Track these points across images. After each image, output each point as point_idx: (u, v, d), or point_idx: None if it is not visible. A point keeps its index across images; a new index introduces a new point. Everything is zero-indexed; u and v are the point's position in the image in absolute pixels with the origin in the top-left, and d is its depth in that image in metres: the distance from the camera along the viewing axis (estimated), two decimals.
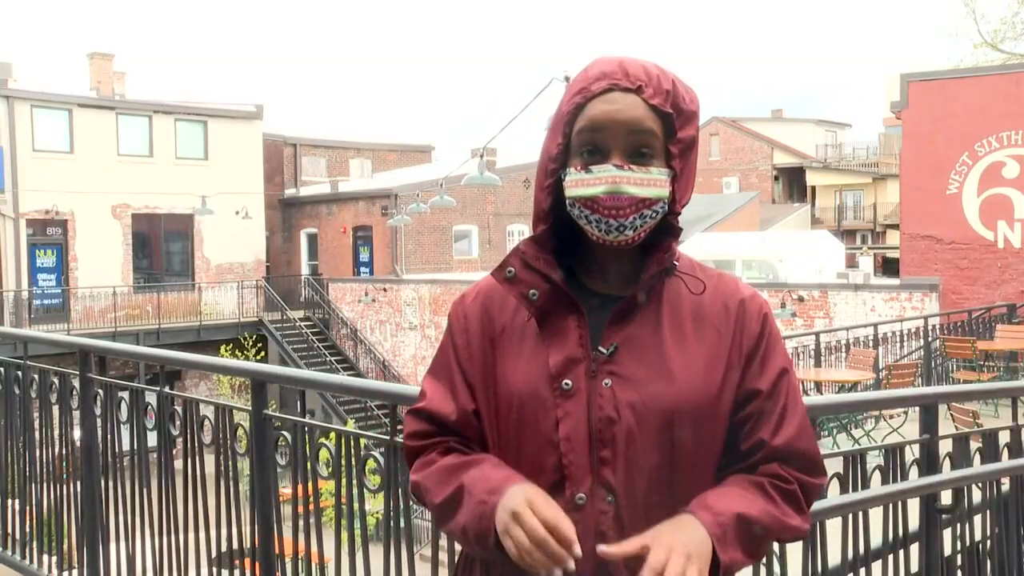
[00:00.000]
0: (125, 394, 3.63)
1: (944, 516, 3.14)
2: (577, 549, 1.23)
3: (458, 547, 1.58)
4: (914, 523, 3.10)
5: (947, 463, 3.27)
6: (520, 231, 31.64)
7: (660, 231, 1.42)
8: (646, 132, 1.36)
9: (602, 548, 1.26)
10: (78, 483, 3.85)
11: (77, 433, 3.81)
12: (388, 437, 2.60)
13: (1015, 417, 3.60)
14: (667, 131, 1.38)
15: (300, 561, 2.99)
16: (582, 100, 1.37)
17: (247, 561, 3.15)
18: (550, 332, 1.41)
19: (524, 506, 1.26)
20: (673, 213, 1.41)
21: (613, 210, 1.35)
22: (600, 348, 1.39)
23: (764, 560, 2.64)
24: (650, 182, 1.36)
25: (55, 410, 4.00)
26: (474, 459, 1.42)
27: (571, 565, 1.23)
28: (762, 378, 1.43)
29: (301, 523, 2.94)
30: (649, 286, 1.42)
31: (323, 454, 2.90)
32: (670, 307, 1.43)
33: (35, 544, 4.19)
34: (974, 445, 3.52)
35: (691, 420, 1.38)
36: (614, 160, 1.35)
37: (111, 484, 3.70)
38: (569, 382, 1.38)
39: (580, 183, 1.37)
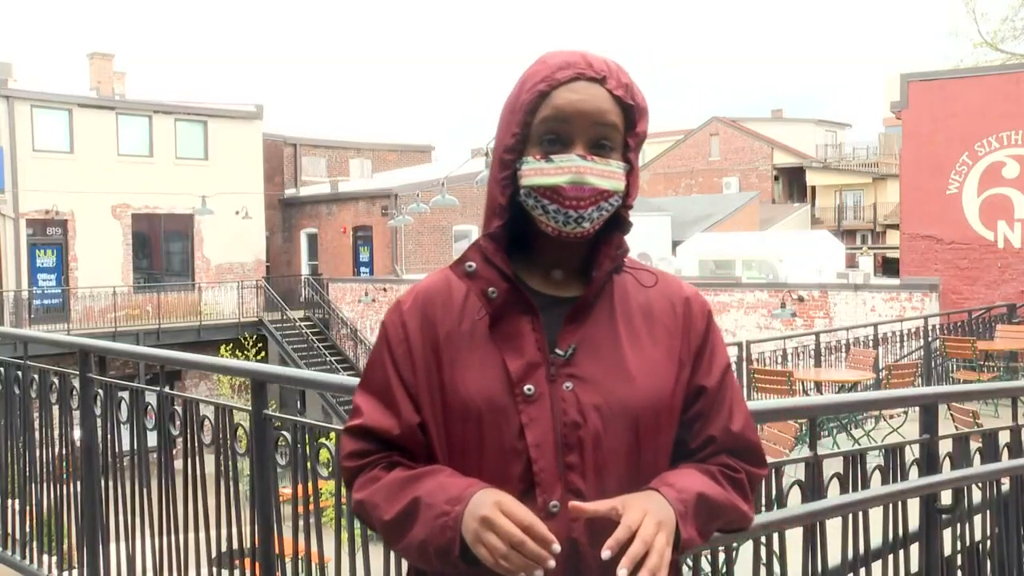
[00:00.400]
0: (125, 394, 3.63)
1: (944, 516, 3.14)
2: (556, 546, 1.21)
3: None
4: (914, 523, 3.09)
5: (947, 463, 3.27)
6: None
7: (608, 226, 1.40)
8: (609, 124, 1.35)
9: (574, 504, 1.25)
10: (78, 483, 3.85)
11: (77, 433, 3.81)
12: None
13: (1015, 417, 3.60)
14: (627, 124, 1.37)
15: (300, 561, 2.99)
16: (546, 88, 1.34)
17: (247, 561, 3.15)
18: (502, 335, 1.36)
19: (495, 510, 1.23)
20: (625, 207, 1.39)
21: (574, 201, 1.32)
22: (558, 350, 1.36)
23: (764, 560, 2.64)
24: (610, 174, 1.35)
25: (55, 410, 4.00)
26: (426, 471, 1.36)
27: (551, 563, 1.21)
28: (710, 376, 1.44)
29: (301, 523, 2.94)
30: (602, 284, 1.40)
31: (323, 454, 2.90)
32: (621, 305, 1.42)
33: (35, 544, 4.19)
34: (974, 445, 3.52)
35: (653, 419, 1.37)
36: (577, 150, 1.33)
37: (111, 484, 3.70)
38: (531, 387, 1.34)
39: (540, 172, 1.34)
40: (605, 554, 1.20)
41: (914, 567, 3.09)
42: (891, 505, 3.00)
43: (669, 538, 1.26)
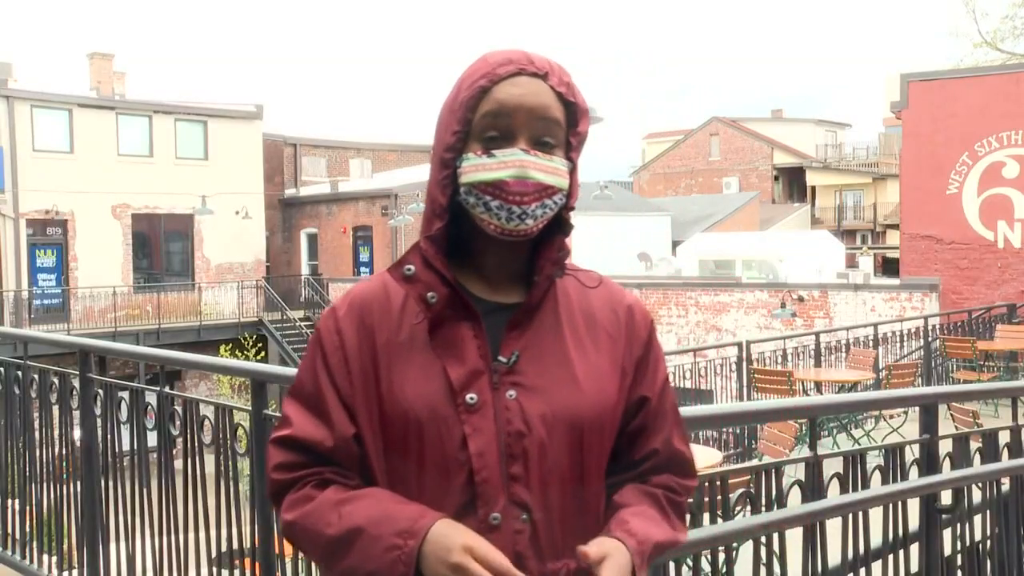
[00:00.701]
0: (125, 394, 3.63)
1: (944, 516, 3.14)
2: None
3: None
4: (914, 523, 3.10)
5: (947, 463, 3.27)
6: None
7: (550, 227, 1.35)
8: (552, 120, 1.32)
9: (581, 549, 1.23)
10: (78, 483, 3.85)
11: (77, 433, 3.81)
12: None
13: (1015, 417, 3.60)
14: (569, 122, 1.35)
15: (300, 561, 2.99)
16: (488, 84, 1.31)
17: (247, 561, 3.15)
18: (443, 343, 1.31)
19: (466, 556, 1.17)
20: (566, 207, 1.36)
21: (518, 196, 1.28)
22: (500, 358, 1.31)
23: (764, 560, 2.64)
24: (554, 170, 1.31)
25: (55, 410, 4.00)
26: (363, 493, 1.29)
27: None
28: (653, 387, 1.42)
29: None
30: (545, 288, 1.36)
31: None
32: (565, 311, 1.38)
33: (35, 544, 4.19)
34: (974, 445, 3.52)
35: (598, 428, 1.34)
36: (520, 145, 1.30)
37: (111, 484, 3.70)
38: (474, 396, 1.29)
39: (482, 168, 1.29)
40: None
41: (914, 567, 3.09)
42: (891, 505, 3.00)
43: None
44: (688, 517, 2.38)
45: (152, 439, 3.46)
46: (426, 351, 1.32)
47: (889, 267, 32.93)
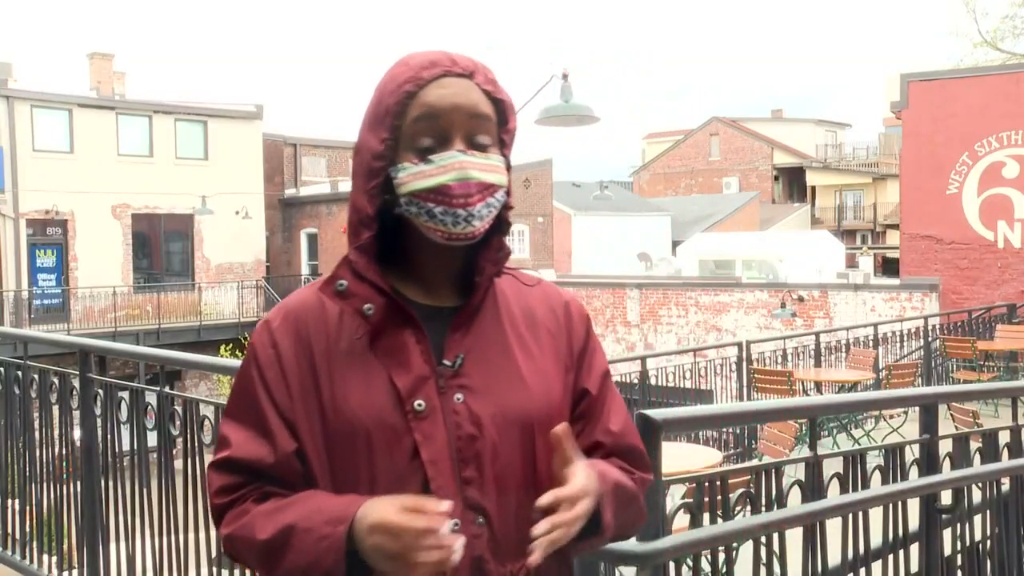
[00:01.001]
0: (125, 394, 3.63)
1: (944, 516, 3.14)
2: (434, 503, 1.14)
3: None
4: (914, 523, 3.10)
5: (947, 463, 3.27)
6: (520, 230, 31.63)
7: (488, 228, 1.33)
8: (484, 117, 1.30)
9: (557, 430, 1.23)
10: (78, 483, 3.85)
11: (77, 433, 3.81)
12: None
13: (1015, 417, 3.60)
14: (499, 119, 1.33)
15: None
16: (413, 88, 1.28)
17: None
18: (385, 351, 1.29)
19: (386, 515, 1.14)
20: (505, 207, 1.34)
21: (462, 199, 1.26)
22: (445, 361, 1.30)
23: (764, 560, 2.64)
24: (493, 168, 1.30)
25: (55, 410, 4.00)
26: (299, 496, 1.26)
27: (445, 526, 1.14)
28: (591, 379, 1.42)
29: None
30: (486, 289, 1.34)
31: None
32: (506, 311, 1.38)
33: (35, 544, 4.19)
34: (974, 445, 3.52)
35: (548, 426, 1.30)
36: (456, 146, 1.27)
37: (111, 484, 3.70)
38: (422, 402, 1.27)
39: (420, 175, 1.27)
40: (547, 498, 1.20)
41: (914, 567, 3.09)
42: (891, 505, 3.00)
43: (588, 512, 1.24)
44: (689, 517, 2.39)
45: (152, 439, 3.46)
46: (368, 360, 1.29)
47: (889, 267, 32.93)
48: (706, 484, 2.41)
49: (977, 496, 3.44)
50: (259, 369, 1.33)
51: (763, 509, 2.59)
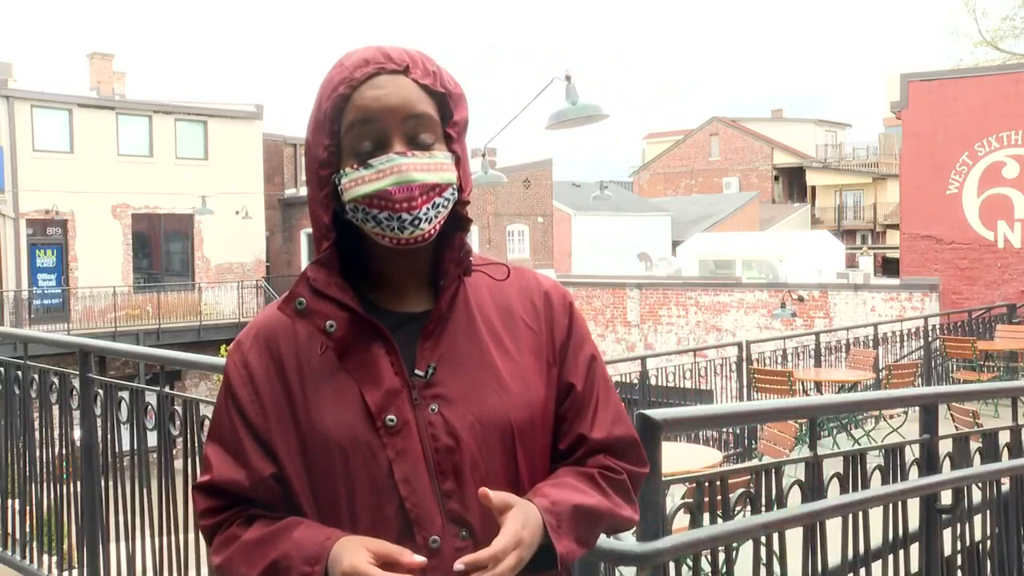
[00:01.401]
0: (125, 394, 3.63)
1: (944, 516, 3.14)
2: (409, 556, 1.15)
3: None
4: (914, 523, 3.10)
5: (947, 463, 3.27)
6: (520, 230, 31.63)
7: (448, 226, 1.29)
8: (422, 115, 1.24)
9: (483, 490, 1.18)
10: (78, 483, 3.85)
11: (77, 433, 3.81)
12: None
13: (1015, 417, 3.60)
14: (443, 113, 1.27)
15: None
16: (347, 91, 1.23)
17: None
18: (355, 365, 1.25)
19: (358, 563, 1.14)
20: (461, 203, 1.29)
21: (405, 203, 1.21)
22: (417, 372, 1.25)
23: (764, 560, 2.64)
24: (437, 167, 1.24)
25: (55, 410, 4.00)
26: (283, 526, 1.25)
27: (417, 559, 1.15)
28: (576, 371, 1.36)
29: None
30: (453, 291, 1.29)
31: None
32: (478, 309, 1.32)
33: (35, 544, 4.19)
34: (974, 445, 3.52)
35: (529, 429, 1.29)
36: (395, 148, 1.22)
37: (111, 484, 3.70)
38: (393, 417, 1.23)
39: (360, 181, 1.22)
40: (458, 566, 1.15)
41: (914, 567, 3.09)
42: (891, 505, 3.00)
43: (525, 557, 1.19)
44: (689, 517, 2.39)
45: (152, 439, 3.46)
46: (340, 376, 1.25)
47: (889, 267, 32.93)
48: (706, 484, 2.41)
49: (977, 496, 3.44)
50: (232, 391, 1.31)
51: (763, 509, 2.59)
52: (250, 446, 1.28)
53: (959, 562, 3.40)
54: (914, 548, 3.10)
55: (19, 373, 4.17)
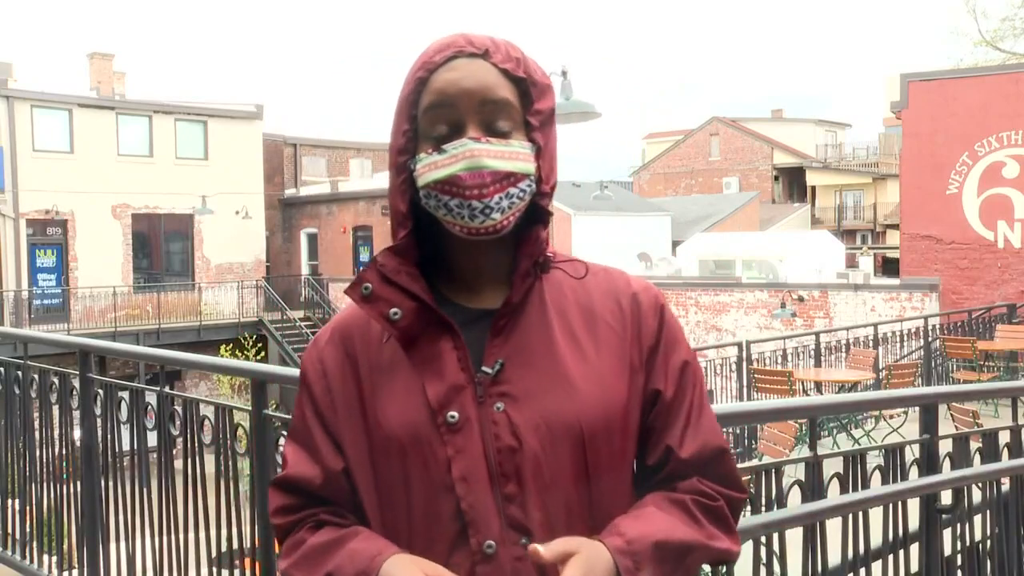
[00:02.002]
0: (125, 394, 3.63)
1: (944, 516, 3.14)
2: None
3: None
4: (914, 523, 3.09)
5: (947, 463, 3.27)
6: None
7: (527, 220, 1.23)
8: (500, 101, 1.19)
9: (532, 548, 1.10)
10: (78, 483, 3.85)
11: (77, 433, 3.80)
12: None
13: (1015, 417, 3.60)
14: (524, 101, 1.22)
15: None
16: (425, 75, 1.20)
17: (247, 561, 3.15)
18: (421, 359, 1.21)
19: None
20: (541, 195, 1.23)
21: (476, 189, 1.16)
22: (484, 368, 1.20)
23: (764, 560, 2.64)
24: (512, 155, 1.18)
25: (55, 410, 4.00)
26: (342, 536, 1.22)
27: None
28: (665, 377, 1.27)
29: None
30: (527, 286, 1.23)
31: None
32: (555, 308, 1.25)
33: (35, 544, 4.19)
34: (974, 445, 3.52)
35: (604, 435, 1.21)
36: (469, 134, 1.18)
37: (111, 484, 3.70)
38: (455, 414, 1.18)
39: (433, 166, 1.18)
40: None
41: (914, 567, 3.09)
42: (891, 505, 3.00)
43: None
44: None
45: (152, 439, 3.46)
46: (406, 370, 1.21)
47: (889, 267, 32.91)
48: None
49: (977, 496, 3.44)
50: (308, 387, 1.30)
51: (763, 509, 2.59)
52: (322, 441, 1.26)
53: (959, 562, 3.40)
54: (914, 548, 3.10)
55: (19, 373, 4.16)
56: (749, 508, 2.58)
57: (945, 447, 3.25)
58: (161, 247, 27.53)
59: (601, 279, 1.30)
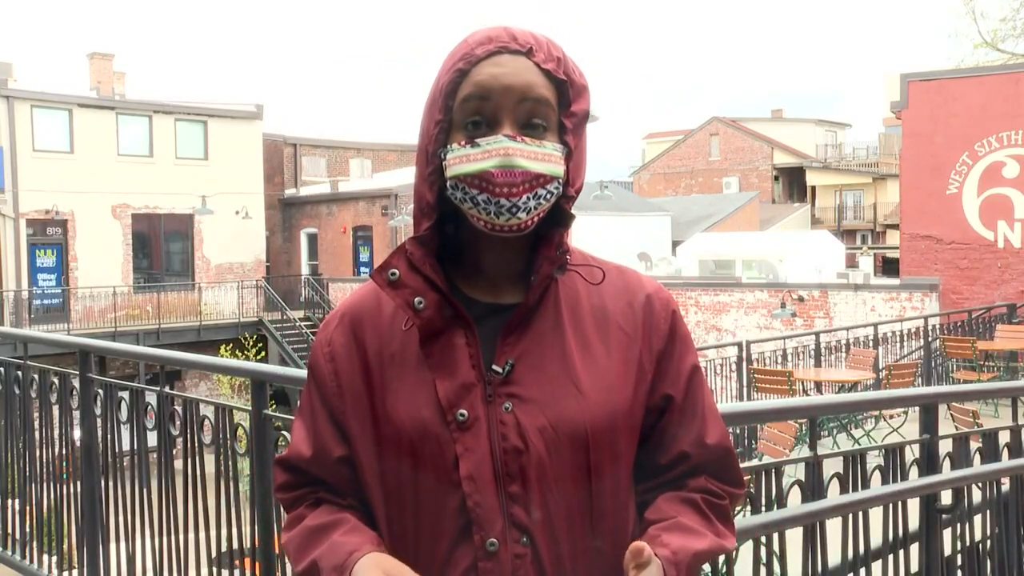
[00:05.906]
0: (125, 394, 3.63)
1: (944, 516, 3.14)
2: None
3: None
4: (914, 523, 3.10)
5: (947, 463, 3.27)
6: None
7: (548, 221, 1.23)
8: (539, 100, 1.19)
9: (637, 545, 1.13)
10: (78, 483, 3.85)
11: (77, 433, 3.81)
12: None
13: (1015, 417, 3.60)
14: (561, 101, 1.22)
15: None
16: (465, 66, 1.19)
17: (247, 561, 3.15)
18: (435, 353, 1.21)
19: None
20: (566, 197, 1.23)
21: (506, 188, 1.16)
22: (495, 367, 1.20)
23: (764, 560, 2.64)
24: (545, 157, 1.19)
25: (55, 410, 4.00)
26: (333, 522, 1.24)
27: None
28: (674, 381, 1.29)
29: None
30: (543, 288, 1.23)
31: None
32: (569, 310, 1.25)
33: (35, 544, 4.19)
34: (974, 445, 3.52)
35: (608, 439, 1.22)
36: (505, 130, 1.17)
37: (111, 484, 3.70)
38: (464, 412, 1.19)
39: (465, 159, 1.18)
40: None
41: (914, 567, 3.09)
42: (891, 505, 3.00)
43: None
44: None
45: (152, 439, 3.46)
46: (420, 364, 1.22)
47: (889, 267, 32.91)
48: None
49: (977, 496, 3.44)
50: (316, 369, 1.31)
51: (763, 509, 2.59)
52: (323, 425, 1.28)
53: (959, 562, 3.40)
54: (914, 548, 3.10)
55: (19, 373, 4.17)
56: (749, 508, 2.59)
57: (945, 447, 3.26)
58: (161, 247, 27.54)
59: (616, 280, 1.31)
